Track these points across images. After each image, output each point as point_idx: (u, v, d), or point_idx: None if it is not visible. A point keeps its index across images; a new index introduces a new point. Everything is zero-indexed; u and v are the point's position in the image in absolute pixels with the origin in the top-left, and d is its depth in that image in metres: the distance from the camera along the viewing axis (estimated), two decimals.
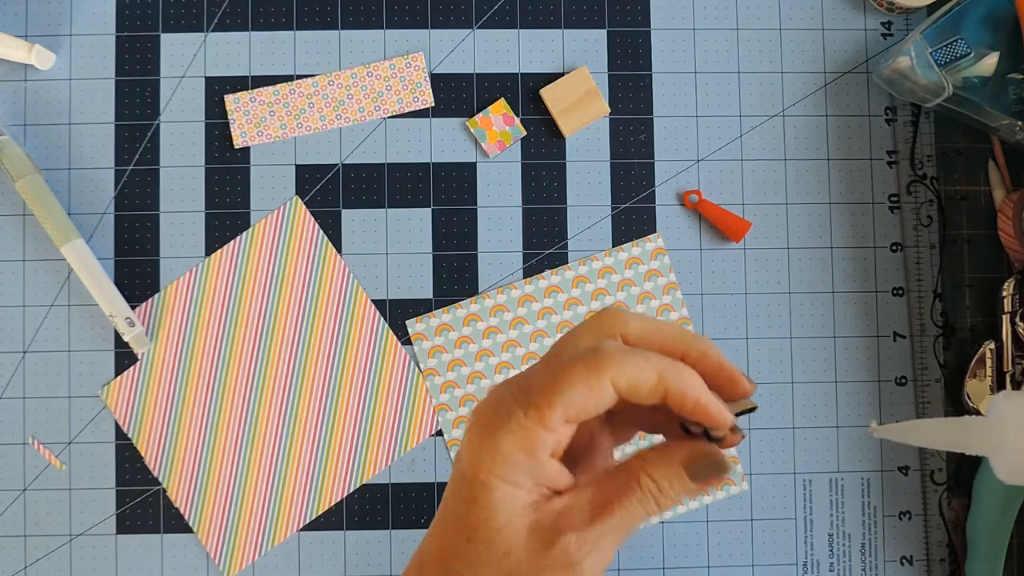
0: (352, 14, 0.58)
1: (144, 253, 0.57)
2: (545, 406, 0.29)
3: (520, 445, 0.29)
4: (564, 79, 0.57)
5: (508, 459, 0.29)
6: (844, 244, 0.58)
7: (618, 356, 0.29)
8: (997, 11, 0.55)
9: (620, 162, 0.58)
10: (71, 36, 0.58)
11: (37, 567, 0.56)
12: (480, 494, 0.30)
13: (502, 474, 0.29)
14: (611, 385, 0.29)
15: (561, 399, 0.29)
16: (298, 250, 0.57)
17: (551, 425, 0.29)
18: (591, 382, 0.29)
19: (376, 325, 0.57)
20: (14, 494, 0.56)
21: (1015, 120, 0.55)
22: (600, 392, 0.29)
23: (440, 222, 0.58)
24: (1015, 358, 0.55)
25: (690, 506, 0.57)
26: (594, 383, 0.29)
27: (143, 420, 0.56)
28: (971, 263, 0.58)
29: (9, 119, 0.57)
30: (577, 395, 0.29)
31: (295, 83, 0.58)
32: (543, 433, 0.29)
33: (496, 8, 0.58)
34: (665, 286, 0.58)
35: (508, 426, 0.29)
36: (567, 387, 0.29)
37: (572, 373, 0.29)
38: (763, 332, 0.58)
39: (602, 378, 0.29)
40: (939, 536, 0.57)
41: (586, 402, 0.29)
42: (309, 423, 0.56)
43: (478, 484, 0.30)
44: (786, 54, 0.59)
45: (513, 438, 0.29)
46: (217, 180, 0.57)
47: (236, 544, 0.56)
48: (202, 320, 0.57)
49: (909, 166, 0.58)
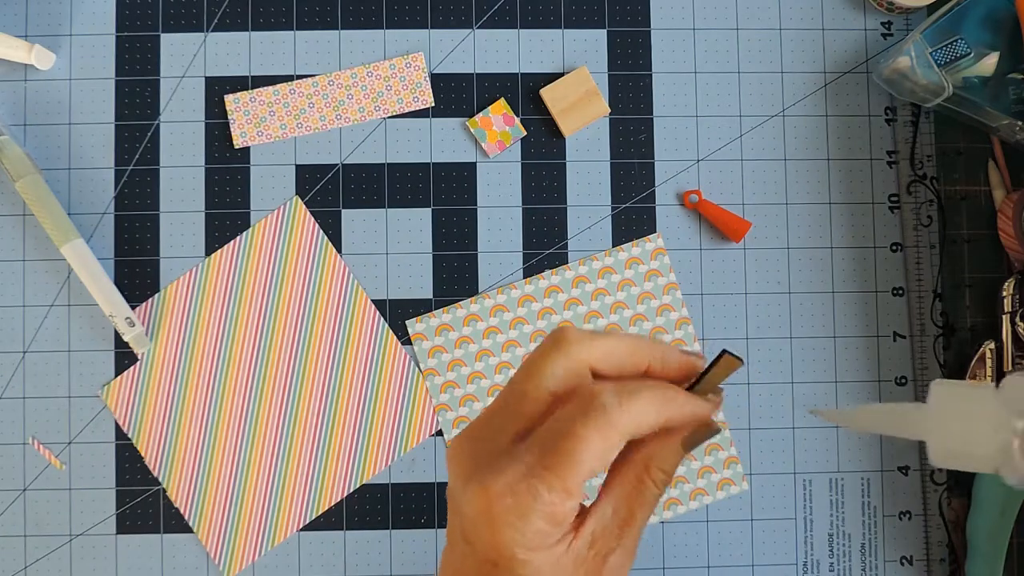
0: (352, 14, 0.58)
1: (144, 253, 0.57)
2: (568, 479, 0.28)
3: (551, 520, 0.29)
4: (564, 79, 0.57)
5: (541, 533, 0.29)
6: (844, 244, 0.58)
7: (625, 407, 0.29)
8: (997, 11, 0.55)
9: (620, 162, 0.58)
10: (71, 36, 0.58)
11: (37, 567, 0.56)
12: (520, 568, 0.29)
13: (539, 546, 0.29)
14: (625, 439, 0.29)
15: (581, 469, 0.28)
16: (298, 250, 0.57)
17: (577, 494, 0.29)
18: (609, 443, 0.29)
19: (376, 325, 0.57)
20: (14, 494, 0.56)
21: (1015, 120, 0.55)
22: (616, 446, 0.29)
23: (440, 222, 0.58)
24: (1015, 358, 0.55)
25: (690, 506, 0.57)
26: (611, 442, 0.29)
27: (143, 420, 0.56)
28: (971, 263, 0.58)
29: (9, 119, 0.57)
30: (596, 458, 0.29)
31: (295, 83, 0.58)
32: (570, 503, 0.29)
33: (496, 8, 0.59)
34: (665, 286, 0.58)
35: (534, 509, 0.28)
36: (585, 454, 0.28)
37: (586, 439, 0.28)
38: (763, 332, 0.58)
39: (616, 436, 0.29)
40: (939, 536, 0.57)
41: (604, 459, 0.29)
42: (309, 423, 0.56)
43: (517, 563, 0.29)
44: (786, 54, 0.59)
45: (543, 520, 0.29)
46: (217, 180, 0.57)
47: (236, 544, 0.56)
48: (202, 320, 0.57)
49: (909, 166, 0.58)
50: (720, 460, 0.57)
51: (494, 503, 0.29)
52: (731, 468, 0.57)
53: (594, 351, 0.31)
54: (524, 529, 0.28)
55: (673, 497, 0.57)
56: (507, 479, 0.29)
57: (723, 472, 0.57)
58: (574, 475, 0.28)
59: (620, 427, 0.29)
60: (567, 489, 0.28)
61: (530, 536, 0.29)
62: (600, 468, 0.29)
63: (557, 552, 0.29)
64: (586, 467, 0.28)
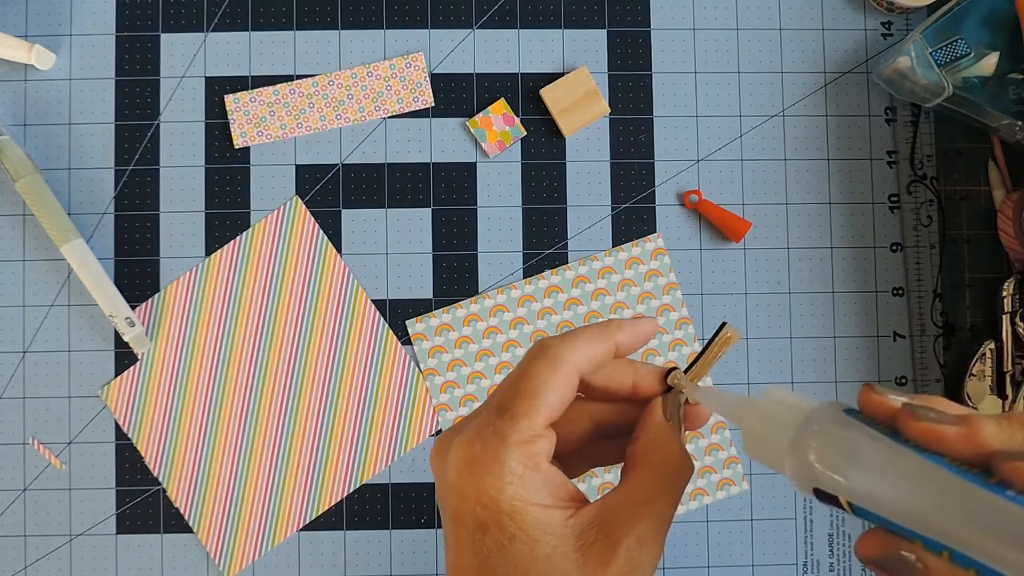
0: (352, 14, 0.58)
1: (144, 253, 0.57)
2: (528, 412, 0.29)
3: (526, 462, 0.28)
4: (564, 79, 0.57)
5: (523, 478, 0.28)
6: (844, 244, 0.58)
7: (570, 343, 0.30)
8: (997, 11, 0.55)
9: (620, 162, 0.58)
10: (71, 36, 0.58)
11: (37, 567, 0.56)
12: (511, 527, 0.28)
13: (525, 495, 0.28)
14: (575, 373, 0.30)
15: (538, 400, 0.29)
16: (298, 250, 0.57)
17: (541, 429, 0.29)
18: (562, 378, 0.29)
19: (376, 325, 0.57)
20: (14, 494, 0.56)
21: (1015, 120, 0.55)
22: (569, 384, 0.29)
23: (440, 222, 0.58)
24: (1015, 358, 0.55)
25: (690, 506, 0.57)
26: (564, 376, 0.29)
27: (143, 420, 0.56)
28: (971, 263, 0.58)
29: (9, 119, 0.57)
30: (555, 396, 0.29)
31: (295, 83, 0.58)
32: (539, 441, 0.29)
33: (496, 8, 0.58)
34: (665, 286, 0.58)
35: (507, 446, 0.28)
36: (539, 389, 0.29)
37: (537, 371, 0.29)
38: (763, 332, 0.58)
39: (568, 368, 0.29)
40: None
41: (561, 399, 0.29)
42: (309, 423, 0.56)
43: (505, 518, 0.28)
44: (786, 54, 0.59)
45: (517, 454, 0.28)
46: (217, 180, 0.57)
47: (236, 544, 0.56)
48: (202, 320, 0.57)
49: (909, 166, 0.58)
50: (720, 460, 0.57)
51: (467, 454, 0.28)
52: (731, 468, 0.57)
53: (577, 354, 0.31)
54: (501, 473, 0.28)
55: None
56: (474, 429, 0.29)
57: (723, 472, 0.57)
58: (535, 409, 0.28)
59: (567, 357, 0.29)
60: (532, 426, 0.28)
61: (517, 483, 0.28)
62: (559, 403, 0.29)
63: (554, 518, 0.28)
64: (544, 400, 0.29)
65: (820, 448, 0.25)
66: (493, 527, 0.28)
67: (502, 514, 0.28)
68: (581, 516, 0.28)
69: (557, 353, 0.29)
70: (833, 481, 0.25)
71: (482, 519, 0.28)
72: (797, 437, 0.26)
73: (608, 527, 0.28)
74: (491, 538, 0.28)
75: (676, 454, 0.30)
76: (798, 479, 0.26)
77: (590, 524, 0.28)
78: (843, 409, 0.26)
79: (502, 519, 0.28)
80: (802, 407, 0.27)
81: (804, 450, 0.25)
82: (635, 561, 0.27)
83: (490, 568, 0.28)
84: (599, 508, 0.29)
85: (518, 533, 0.28)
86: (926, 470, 0.23)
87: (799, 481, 0.26)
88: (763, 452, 0.28)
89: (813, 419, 0.26)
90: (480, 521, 0.28)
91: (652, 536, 0.28)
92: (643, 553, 0.28)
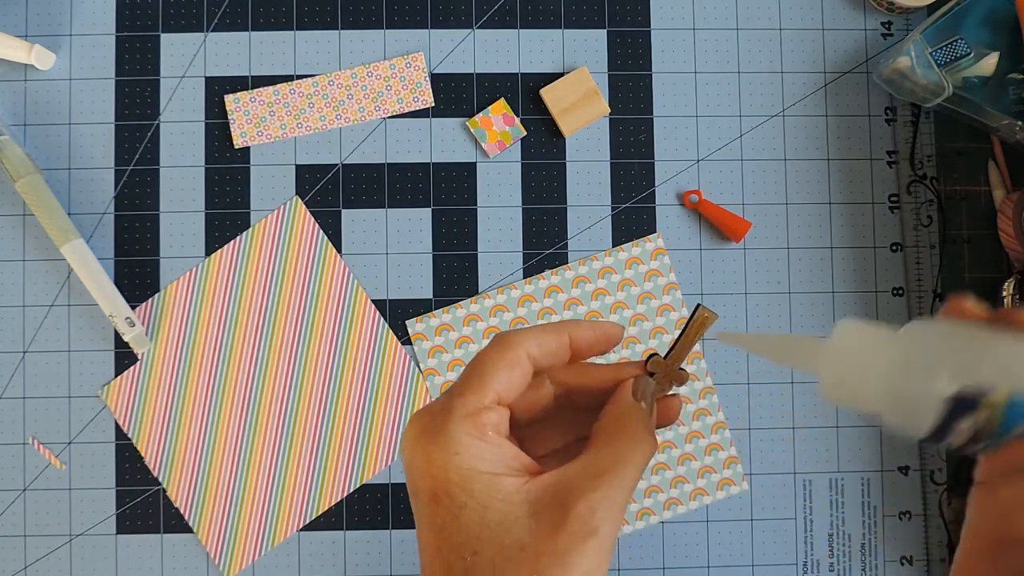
0: (352, 14, 0.58)
1: (144, 253, 0.57)
2: (476, 390, 0.30)
3: (471, 431, 0.29)
4: (564, 79, 0.57)
5: (470, 447, 0.29)
6: (844, 244, 0.58)
7: (523, 332, 0.31)
8: (997, 11, 0.55)
9: (620, 162, 0.58)
10: (71, 36, 0.58)
11: (37, 567, 0.56)
12: (461, 495, 0.28)
13: (473, 464, 0.29)
14: (526, 356, 0.31)
15: (488, 381, 0.30)
16: (298, 250, 0.57)
17: (488, 403, 0.30)
18: (509, 359, 0.30)
19: (376, 325, 0.57)
20: (14, 494, 0.56)
21: (1015, 120, 0.55)
22: (519, 365, 0.30)
23: (440, 222, 0.58)
24: None
25: (690, 506, 0.57)
26: (511, 359, 0.30)
27: (143, 420, 0.56)
28: (971, 263, 0.58)
29: (9, 119, 0.57)
30: (502, 375, 0.30)
31: (295, 83, 0.58)
32: (486, 414, 0.29)
33: (496, 8, 0.58)
34: (665, 286, 0.58)
35: (453, 418, 0.29)
36: (490, 370, 0.30)
37: (488, 357, 0.30)
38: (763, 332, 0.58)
39: (517, 352, 0.30)
40: (939, 536, 0.57)
41: (512, 377, 0.30)
42: (309, 423, 0.56)
43: (455, 487, 0.28)
44: (786, 54, 0.59)
45: (464, 426, 0.29)
46: (217, 180, 0.57)
47: (236, 544, 0.56)
48: (202, 320, 0.57)
49: (909, 166, 0.58)
50: (720, 460, 0.57)
51: (417, 429, 0.30)
52: (731, 468, 0.57)
53: (531, 346, 0.32)
54: (448, 443, 0.29)
55: (673, 497, 0.57)
56: (426, 408, 0.30)
57: (723, 472, 0.57)
58: (482, 386, 0.30)
59: (518, 342, 0.31)
60: (479, 400, 0.29)
61: (464, 452, 0.29)
62: (507, 382, 0.30)
63: (505, 485, 0.29)
64: (492, 378, 0.30)
65: (958, 355, 0.24)
66: (444, 497, 0.28)
67: (451, 484, 0.28)
68: (535, 483, 0.29)
69: (509, 339, 0.31)
70: (992, 375, 0.24)
71: (433, 490, 0.29)
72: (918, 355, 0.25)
73: (561, 494, 0.28)
74: (444, 508, 0.28)
75: (639, 431, 0.30)
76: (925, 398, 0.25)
77: (544, 491, 0.28)
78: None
79: (452, 489, 0.28)
80: (884, 335, 0.26)
81: (935, 364, 0.25)
82: (587, 527, 0.27)
83: (446, 538, 0.28)
84: (554, 476, 0.29)
85: (469, 501, 0.28)
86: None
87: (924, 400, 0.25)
88: (851, 390, 0.26)
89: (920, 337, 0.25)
90: (432, 492, 0.29)
91: (605, 505, 0.28)
92: (595, 519, 0.28)
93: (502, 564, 0.27)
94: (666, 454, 0.57)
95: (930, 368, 0.25)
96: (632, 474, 0.29)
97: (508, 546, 0.28)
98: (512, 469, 0.29)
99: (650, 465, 0.56)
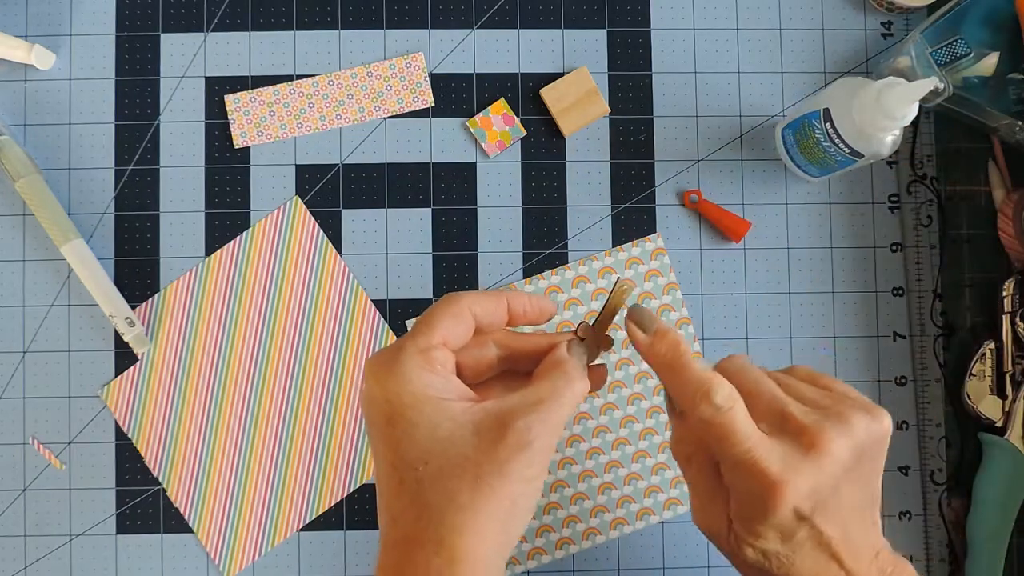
0: (352, 14, 0.58)
1: (144, 253, 0.57)
2: (425, 332, 0.35)
3: (421, 364, 0.34)
4: (564, 79, 0.57)
5: (421, 376, 0.34)
6: (844, 244, 0.58)
7: (467, 293, 0.37)
8: (997, 11, 0.55)
9: (620, 162, 0.58)
10: (71, 36, 0.58)
11: (37, 567, 0.56)
12: (414, 415, 0.33)
13: (424, 391, 0.34)
14: (468, 311, 0.36)
15: (435, 326, 0.35)
16: (298, 250, 0.57)
17: (436, 343, 0.35)
18: (453, 310, 0.36)
19: (376, 325, 0.57)
20: (14, 494, 0.56)
21: (1015, 120, 0.55)
22: (462, 317, 0.36)
23: (440, 222, 0.58)
24: (1015, 358, 0.55)
25: None
26: (455, 311, 0.36)
27: (143, 420, 0.56)
28: (971, 263, 0.58)
29: (9, 119, 0.57)
30: (447, 322, 0.36)
31: (295, 83, 0.58)
32: (434, 351, 0.35)
33: (496, 8, 0.59)
34: (665, 286, 0.58)
35: (405, 352, 0.34)
36: (437, 318, 0.36)
37: (436, 308, 0.36)
38: (763, 332, 0.58)
39: (461, 306, 0.36)
40: (939, 536, 0.57)
41: (456, 326, 0.36)
42: (309, 423, 0.56)
43: (408, 409, 0.33)
44: (786, 54, 0.59)
45: (415, 360, 0.34)
46: (217, 180, 0.57)
47: (236, 544, 0.56)
48: (202, 320, 0.57)
49: (909, 166, 0.58)
50: None
51: (374, 364, 0.35)
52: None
53: (475, 308, 0.37)
54: (401, 371, 0.34)
55: (673, 497, 0.57)
56: (384, 350, 0.36)
57: None
58: (431, 330, 0.35)
59: (462, 299, 0.36)
60: (429, 340, 0.35)
61: (415, 379, 0.34)
62: (452, 328, 0.36)
63: (453, 407, 0.34)
64: (438, 323, 0.35)
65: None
66: (399, 419, 0.34)
67: (405, 407, 0.34)
68: (479, 407, 0.34)
69: (454, 296, 0.37)
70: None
71: (389, 414, 0.34)
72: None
73: (503, 416, 0.33)
74: (399, 429, 0.34)
75: (574, 371, 0.36)
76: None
77: (487, 414, 0.34)
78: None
79: (405, 411, 0.34)
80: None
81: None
82: (523, 440, 0.33)
83: (400, 455, 0.33)
84: (496, 403, 0.34)
85: (420, 420, 0.33)
86: None
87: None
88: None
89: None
90: (388, 416, 0.34)
91: (540, 424, 0.33)
92: (530, 435, 0.33)
93: (449, 471, 0.33)
94: (666, 454, 0.57)
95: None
96: (566, 405, 0.35)
97: (454, 456, 0.33)
98: (459, 396, 0.35)
99: (650, 465, 0.56)
